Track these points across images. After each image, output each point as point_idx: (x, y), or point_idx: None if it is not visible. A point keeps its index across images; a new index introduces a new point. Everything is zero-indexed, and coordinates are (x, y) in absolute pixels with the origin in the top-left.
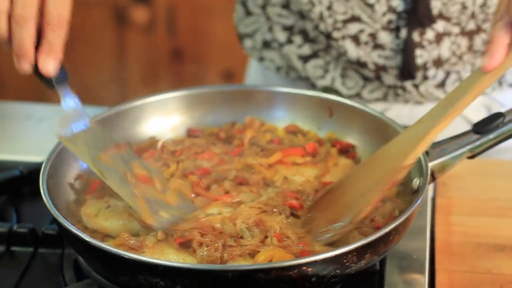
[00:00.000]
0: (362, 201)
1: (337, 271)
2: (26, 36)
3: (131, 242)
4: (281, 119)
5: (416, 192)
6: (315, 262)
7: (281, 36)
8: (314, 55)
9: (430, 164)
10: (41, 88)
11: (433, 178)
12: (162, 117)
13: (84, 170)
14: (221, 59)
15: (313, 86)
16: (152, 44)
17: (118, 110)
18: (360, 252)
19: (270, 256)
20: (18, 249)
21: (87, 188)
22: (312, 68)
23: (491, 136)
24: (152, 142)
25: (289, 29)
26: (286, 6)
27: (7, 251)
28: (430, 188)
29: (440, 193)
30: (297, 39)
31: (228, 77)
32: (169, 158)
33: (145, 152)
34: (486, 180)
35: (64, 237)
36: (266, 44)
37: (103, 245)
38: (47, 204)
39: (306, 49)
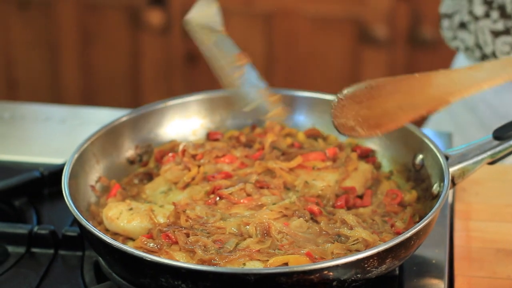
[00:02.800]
0: (398, 115)
1: (358, 275)
2: None
3: (150, 245)
4: (302, 123)
5: (436, 197)
6: (337, 266)
7: (479, 9)
8: (506, 31)
9: (451, 170)
10: (55, 89)
11: (453, 183)
12: (183, 120)
13: (105, 172)
14: None
15: None
16: (166, 47)
17: (140, 113)
18: (381, 256)
19: (285, 260)
20: (38, 250)
21: (108, 191)
22: (501, 44)
23: None
24: (173, 145)
25: (488, 3)
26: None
27: (27, 253)
28: (449, 193)
29: (459, 199)
30: (494, 14)
31: None
32: (189, 162)
33: (166, 155)
34: (505, 185)
35: (86, 239)
36: (462, 25)
37: (125, 247)
38: (69, 206)
39: (500, 25)
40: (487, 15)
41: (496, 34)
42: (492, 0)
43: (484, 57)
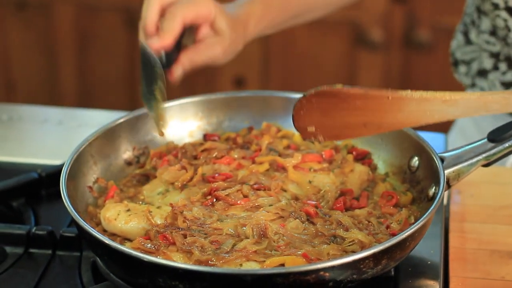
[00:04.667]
0: (360, 130)
1: (354, 276)
2: None
3: (148, 246)
4: None
5: (432, 199)
6: (333, 267)
7: (488, 63)
8: None
9: (446, 172)
10: (53, 91)
11: (449, 185)
12: (180, 122)
13: (103, 173)
14: (232, 65)
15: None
16: None
17: (137, 115)
18: (377, 257)
19: (282, 261)
20: (36, 251)
21: (106, 192)
22: None
23: (506, 144)
24: (169, 147)
25: (495, 56)
26: (493, 33)
27: (25, 253)
28: (444, 195)
29: (454, 201)
30: (502, 66)
31: (239, 83)
32: (186, 163)
33: (162, 157)
34: (500, 188)
35: (84, 240)
36: (481, 73)
37: (123, 248)
38: (67, 207)
39: (510, 76)
40: (495, 67)
41: (507, 85)
42: (499, 52)
43: None
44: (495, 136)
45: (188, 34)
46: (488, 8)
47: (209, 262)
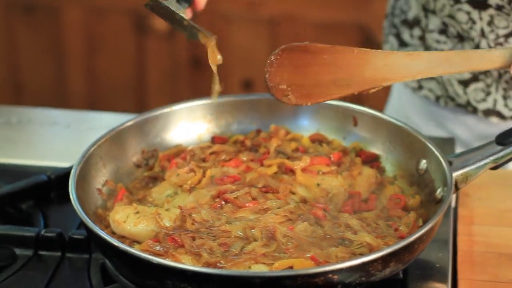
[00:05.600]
0: (330, 89)
1: (362, 278)
2: None
3: (156, 248)
4: (306, 128)
5: (440, 202)
6: (341, 269)
7: None
8: (475, 78)
9: (454, 175)
10: (61, 94)
11: (457, 188)
12: (189, 124)
13: (111, 176)
14: (240, 68)
15: (474, 111)
16: (171, 52)
17: (146, 117)
18: (385, 260)
19: (290, 264)
20: (45, 253)
21: (114, 195)
22: (473, 92)
23: None
24: (178, 150)
25: None
26: (443, 31)
27: (34, 255)
28: (452, 198)
29: (462, 204)
30: None
31: (247, 85)
32: (195, 165)
33: (171, 159)
34: (507, 190)
35: (93, 242)
36: None
37: (133, 250)
38: (77, 209)
39: (466, 74)
40: None
41: (465, 83)
42: (452, 50)
43: (459, 106)
44: (503, 139)
45: None
46: (440, 6)
47: (218, 264)
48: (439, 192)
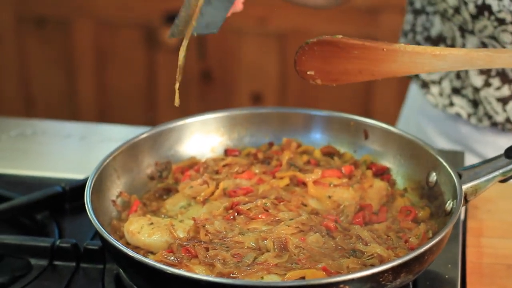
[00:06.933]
0: (356, 76)
1: None
2: None
3: (170, 258)
4: (318, 141)
5: (449, 214)
6: (352, 280)
7: (477, 80)
8: None
9: (464, 187)
10: (72, 107)
11: (466, 201)
12: (202, 137)
13: (126, 187)
14: (249, 82)
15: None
16: None
17: (160, 130)
18: (395, 271)
19: (302, 274)
20: (60, 263)
21: (129, 206)
22: None
23: None
24: (192, 162)
25: (485, 72)
26: None
27: (50, 265)
28: (462, 210)
29: (471, 216)
30: (495, 82)
31: (256, 99)
32: (208, 177)
33: (185, 172)
34: None
35: (107, 252)
36: (456, 91)
37: (147, 260)
38: (92, 220)
39: (505, 90)
40: (487, 84)
41: (504, 100)
42: (490, 68)
43: (494, 124)
44: None
45: None
46: (481, 27)
47: (231, 275)
48: (448, 204)
